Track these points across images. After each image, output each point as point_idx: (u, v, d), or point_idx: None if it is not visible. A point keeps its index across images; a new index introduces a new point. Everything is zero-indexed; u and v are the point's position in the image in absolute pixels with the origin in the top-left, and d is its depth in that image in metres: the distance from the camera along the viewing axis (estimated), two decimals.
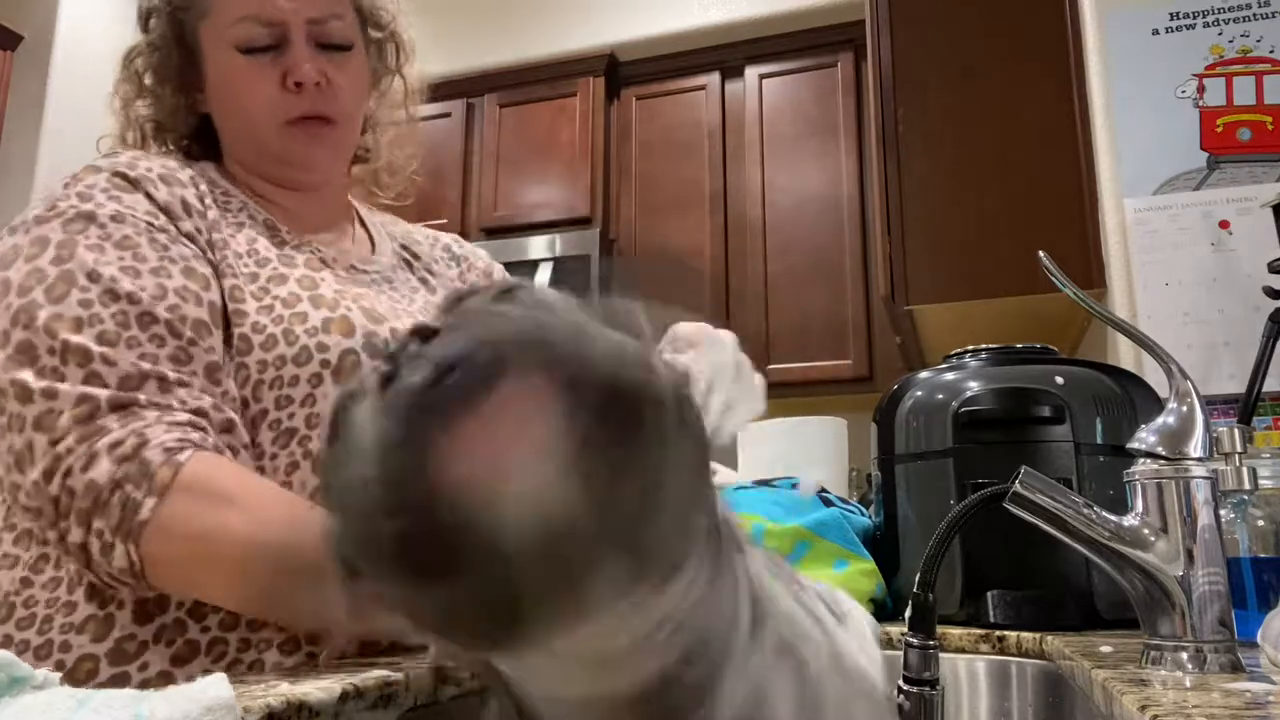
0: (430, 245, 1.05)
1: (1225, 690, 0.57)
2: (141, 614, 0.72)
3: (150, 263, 0.75)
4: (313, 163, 0.90)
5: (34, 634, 0.72)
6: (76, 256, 0.73)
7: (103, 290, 0.72)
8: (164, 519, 0.65)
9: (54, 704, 0.37)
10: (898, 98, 1.85)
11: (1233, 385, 1.44)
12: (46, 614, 0.73)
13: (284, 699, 0.47)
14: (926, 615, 0.68)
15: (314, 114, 0.87)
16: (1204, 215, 1.54)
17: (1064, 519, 0.70)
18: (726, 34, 3.22)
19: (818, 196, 3.04)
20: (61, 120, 3.09)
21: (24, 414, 0.68)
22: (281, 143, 0.87)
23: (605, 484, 0.27)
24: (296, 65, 0.85)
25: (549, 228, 3.22)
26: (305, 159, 0.89)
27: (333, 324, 0.79)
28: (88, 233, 0.75)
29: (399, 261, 0.98)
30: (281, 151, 0.88)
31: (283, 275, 0.82)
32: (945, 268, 1.77)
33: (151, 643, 0.72)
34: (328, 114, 0.88)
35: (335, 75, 0.87)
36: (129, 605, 0.72)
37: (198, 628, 0.73)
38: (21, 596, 0.74)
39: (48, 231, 0.74)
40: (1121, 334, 0.90)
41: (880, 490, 1.23)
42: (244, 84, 0.86)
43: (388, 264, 0.96)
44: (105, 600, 0.72)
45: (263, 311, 0.78)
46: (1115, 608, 1.02)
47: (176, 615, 0.73)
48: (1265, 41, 1.56)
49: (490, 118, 3.41)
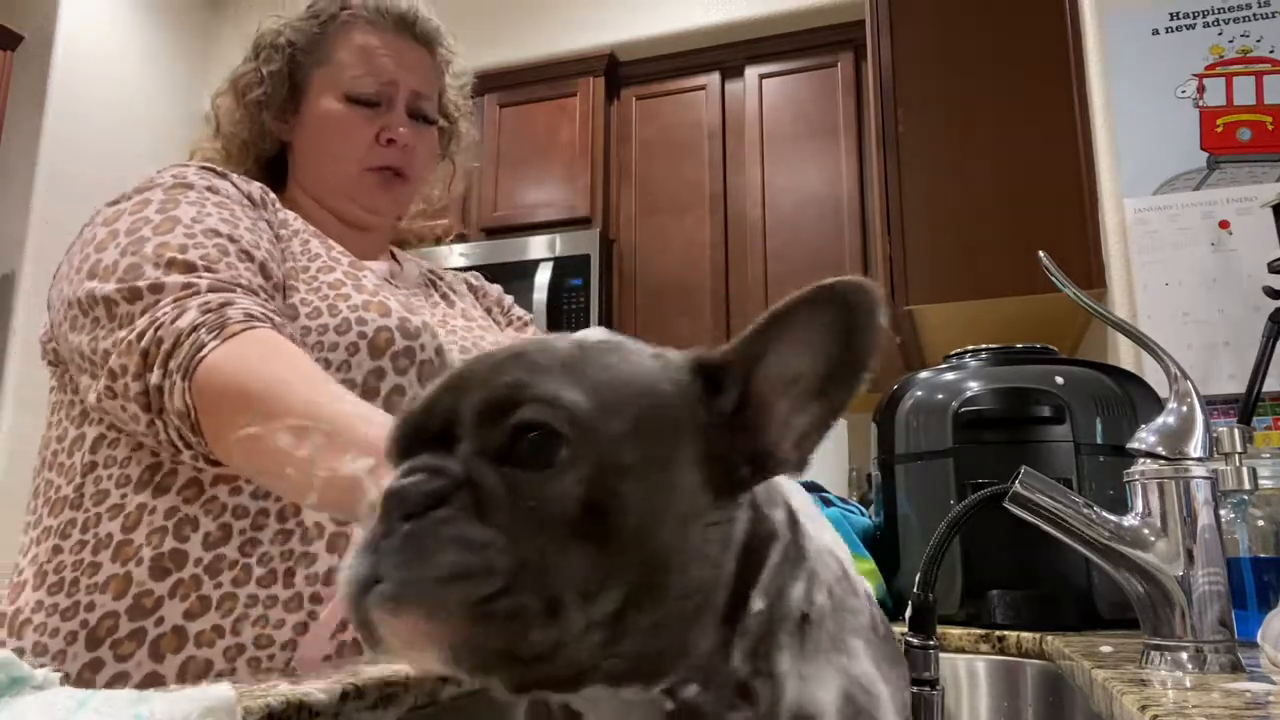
0: (452, 277, 1.15)
1: (1225, 690, 0.57)
2: (158, 570, 0.78)
3: (245, 223, 0.84)
4: (378, 207, 1.02)
5: (63, 597, 0.78)
6: (180, 208, 0.82)
7: (206, 229, 0.80)
8: (217, 359, 0.69)
9: (54, 704, 0.37)
10: (898, 98, 1.85)
11: (1233, 385, 1.44)
12: (74, 577, 0.79)
13: (284, 699, 0.47)
14: (926, 615, 0.68)
15: (394, 166, 1.00)
16: (1204, 215, 1.54)
17: (1064, 519, 0.70)
18: (726, 34, 3.22)
19: (818, 197, 3.04)
20: (61, 120, 3.09)
21: (131, 311, 0.74)
22: (358, 184, 0.99)
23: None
24: (394, 124, 0.99)
25: (549, 228, 3.22)
26: (373, 203, 1.01)
27: (372, 305, 0.87)
28: (188, 194, 0.84)
29: (424, 282, 1.08)
30: (355, 191, 1.00)
31: (330, 267, 0.90)
32: (945, 268, 1.77)
33: (167, 597, 0.77)
34: (405, 170, 1.01)
35: (417, 143, 1.01)
36: (146, 561, 0.78)
37: (211, 584, 0.78)
38: (53, 563, 0.81)
39: (149, 195, 0.84)
40: (1121, 334, 0.90)
41: (880, 490, 1.23)
42: (344, 126, 0.98)
43: (414, 281, 1.06)
44: (125, 559, 0.78)
45: (311, 291, 0.86)
46: (1115, 608, 1.02)
47: (193, 571, 0.78)
48: (1265, 41, 1.56)
49: (490, 118, 3.41)
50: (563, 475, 0.35)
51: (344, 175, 0.99)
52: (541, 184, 3.30)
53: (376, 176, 1.00)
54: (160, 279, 0.75)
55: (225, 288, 0.76)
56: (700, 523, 0.38)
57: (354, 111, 0.98)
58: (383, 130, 0.99)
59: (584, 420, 0.36)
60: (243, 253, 0.81)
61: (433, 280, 1.10)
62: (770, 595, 0.40)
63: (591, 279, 3.06)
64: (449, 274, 1.16)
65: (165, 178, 0.86)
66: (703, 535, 0.38)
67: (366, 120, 0.98)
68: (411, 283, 1.05)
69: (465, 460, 0.37)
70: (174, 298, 0.74)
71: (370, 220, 1.03)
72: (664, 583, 0.36)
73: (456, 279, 1.15)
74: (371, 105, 0.99)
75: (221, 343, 0.70)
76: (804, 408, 0.38)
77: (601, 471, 0.36)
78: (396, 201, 1.04)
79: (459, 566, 0.34)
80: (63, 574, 0.80)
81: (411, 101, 1.01)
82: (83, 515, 0.81)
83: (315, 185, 1.01)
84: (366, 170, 0.99)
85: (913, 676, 0.68)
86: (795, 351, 0.37)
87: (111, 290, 0.76)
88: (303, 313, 0.84)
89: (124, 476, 0.82)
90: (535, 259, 3.13)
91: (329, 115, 0.99)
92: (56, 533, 0.82)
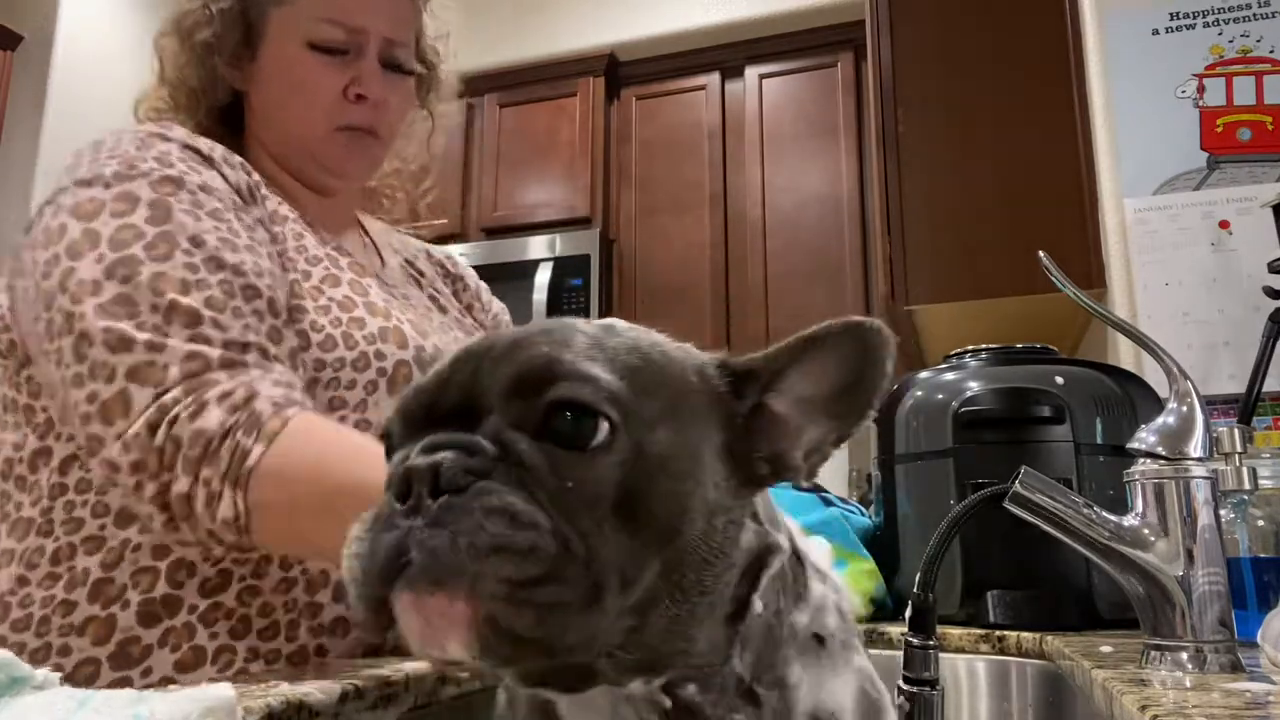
0: (426, 261, 1.05)
1: (1225, 690, 0.57)
2: (147, 616, 0.70)
3: (242, 238, 0.74)
4: (347, 171, 0.91)
5: (31, 636, 0.70)
6: (174, 218, 0.71)
7: (207, 257, 0.70)
8: (274, 465, 0.63)
9: (54, 704, 0.37)
10: (898, 98, 1.85)
11: (1233, 385, 1.44)
12: (44, 614, 0.70)
13: (284, 699, 0.47)
14: (926, 615, 0.68)
15: (365, 126, 0.88)
16: (1204, 215, 1.54)
17: (1064, 519, 0.70)
18: (726, 34, 3.22)
19: (818, 196, 3.04)
20: (61, 120, 3.09)
21: (114, 364, 0.65)
22: (326, 145, 0.88)
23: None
24: (366, 78, 0.86)
25: (549, 228, 3.22)
26: (341, 166, 0.90)
27: (389, 334, 0.80)
28: (179, 197, 0.73)
29: (407, 277, 0.99)
30: (322, 153, 0.88)
31: (335, 277, 0.82)
32: (945, 268, 1.77)
33: (156, 647, 0.70)
34: (377, 129, 0.89)
35: (390, 95, 0.89)
36: (134, 605, 0.70)
37: (206, 634, 0.71)
38: (17, 596, 0.71)
39: (135, 189, 0.72)
40: (1121, 334, 0.90)
41: (880, 490, 1.23)
42: (308, 81, 0.86)
43: (399, 278, 0.96)
44: (108, 600, 0.70)
45: (320, 311, 0.78)
46: (1115, 608, 1.02)
47: (186, 619, 0.71)
48: (1265, 41, 1.56)
49: (490, 118, 3.41)
50: (602, 456, 0.35)
51: (308, 135, 0.87)
52: (541, 184, 3.30)
53: (345, 136, 0.88)
54: (159, 338, 0.66)
55: (237, 362, 0.67)
56: (724, 517, 0.38)
57: (318, 61, 0.85)
58: (352, 83, 0.86)
59: (622, 402, 0.35)
60: (248, 289, 0.71)
61: (415, 276, 1.01)
62: (770, 605, 0.41)
63: (591, 279, 3.06)
64: (424, 258, 1.05)
65: (148, 163, 0.74)
66: (724, 531, 0.38)
67: (333, 71, 0.86)
68: (397, 279, 0.96)
69: (496, 434, 0.35)
70: (181, 371, 0.65)
71: (337, 185, 0.92)
72: (687, 575, 0.36)
73: (433, 266, 1.06)
74: (339, 54, 0.86)
75: (266, 444, 0.64)
76: (815, 423, 0.40)
77: (640, 455, 0.35)
78: (368, 164, 0.93)
79: (506, 540, 0.32)
80: (30, 609, 0.71)
81: (384, 49, 0.88)
82: (53, 544, 0.72)
83: (275, 144, 0.89)
84: (334, 130, 0.87)
85: (913, 676, 0.68)
86: (816, 374, 0.39)
87: (92, 325, 0.66)
88: (314, 340, 0.76)
89: (101, 505, 0.73)
90: (535, 259, 3.13)
91: (290, 65, 0.86)
92: (20, 560, 0.73)
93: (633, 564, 0.34)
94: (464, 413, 0.36)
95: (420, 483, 0.34)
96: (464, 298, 1.06)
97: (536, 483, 0.34)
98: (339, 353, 0.77)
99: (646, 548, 0.35)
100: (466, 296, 1.07)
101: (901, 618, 0.82)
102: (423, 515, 0.33)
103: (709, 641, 0.39)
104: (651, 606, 0.35)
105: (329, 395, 0.77)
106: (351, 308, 0.80)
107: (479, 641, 0.33)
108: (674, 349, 0.40)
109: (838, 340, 0.38)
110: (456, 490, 0.33)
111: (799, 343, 0.39)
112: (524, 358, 0.36)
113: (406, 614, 0.33)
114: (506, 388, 0.36)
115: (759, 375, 0.40)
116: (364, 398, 0.77)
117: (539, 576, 0.32)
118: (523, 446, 0.35)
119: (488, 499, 0.33)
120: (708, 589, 0.37)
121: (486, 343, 0.38)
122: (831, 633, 0.44)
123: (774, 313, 2.95)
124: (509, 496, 0.33)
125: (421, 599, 0.32)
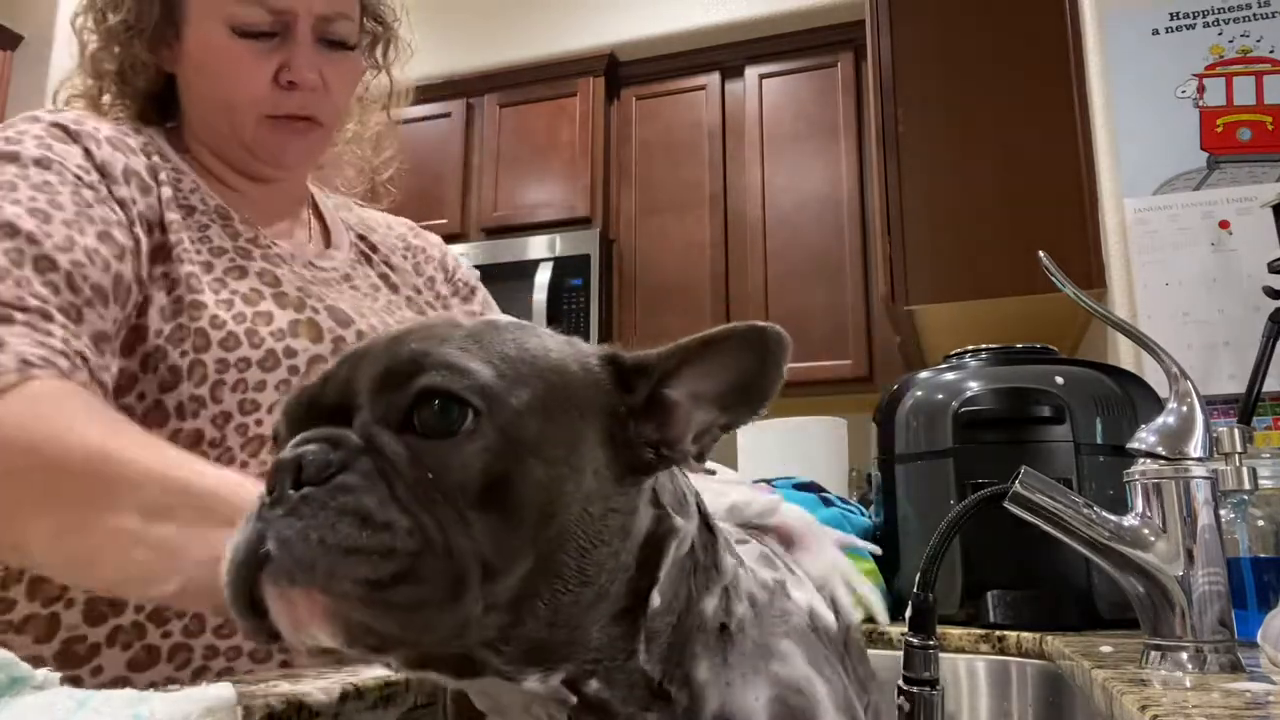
0: (385, 232, 0.98)
1: (1225, 690, 0.57)
2: (92, 614, 0.67)
3: (65, 213, 0.68)
4: (283, 161, 0.83)
5: None
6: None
7: (2, 222, 0.65)
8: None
9: (54, 704, 0.37)
10: (898, 98, 1.85)
11: (1233, 385, 1.44)
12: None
13: (284, 699, 0.47)
14: (926, 615, 0.68)
15: (302, 114, 0.81)
16: (1204, 215, 1.54)
17: (1064, 519, 0.70)
18: (726, 34, 3.22)
19: (818, 196, 3.04)
20: None
21: None
22: (257, 136, 0.80)
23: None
24: (297, 64, 0.78)
25: (549, 228, 3.22)
26: (277, 156, 0.82)
27: (300, 327, 0.74)
28: (4, 170, 0.68)
29: (357, 255, 0.92)
30: (254, 144, 0.81)
31: (241, 268, 0.76)
32: (945, 268, 1.77)
33: (105, 645, 0.67)
34: (316, 116, 0.82)
35: (331, 75, 0.81)
36: (79, 604, 0.67)
37: (158, 632, 0.68)
38: None
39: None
40: (1121, 334, 0.90)
41: (880, 490, 1.23)
42: (232, 68, 0.78)
43: (345, 259, 0.89)
44: (49, 599, 0.67)
45: (222, 305, 0.72)
46: (1115, 608, 1.02)
47: (134, 618, 0.67)
48: (1265, 41, 1.56)
49: (490, 118, 3.41)
50: (467, 444, 0.35)
51: (238, 125, 0.80)
52: (541, 184, 3.30)
53: (280, 125, 0.80)
54: None
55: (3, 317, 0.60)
56: (603, 505, 0.38)
57: (243, 47, 0.77)
58: (282, 69, 0.78)
59: (489, 389, 0.36)
60: (42, 259, 0.64)
61: (366, 252, 0.93)
62: (668, 596, 0.40)
63: (591, 279, 3.06)
64: (383, 229, 0.98)
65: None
66: (604, 519, 0.38)
67: (260, 57, 0.77)
68: (341, 260, 0.89)
69: (363, 428, 0.36)
70: None
71: (277, 175, 0.85)
72: (565, 563, 0.37)
73: (392, 237, 0.98)
74: (265, 36, 0.78)
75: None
76: (707, 413, 0.41)
77: (506, 442, 0.35)
78: (307, 153, 0.85)
79: (357, 542, 0.33)
80: None
81: (319, 26, 0.79)
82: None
83: (205, 133, 0.83)
84: (266, 118, 0.80)
85: (913, 676, 0.68)
86: (714, 372, 0.40)
87: None
88: (215, 339, 0.71)
89: None
90: (535, 259, 3.13)
91: (213, 51, 0.78)
92: None
93: (502, 553, 0.35)
94: (340, 410, 0.37)
95: (283, 474, 0.34)
96: (425, 271, 0.99)
97: (397, 474, 0.34)
98: (242, 351, 0.71)
99: (519, 536, 0.35)
100: (428, 269, 0.99)
101: (901, 618, 0.82)
102: (282, 506, 0.34)
103: (604, 634, 0.39)
104: (530, 596, 0.36)
105: (239, 398, 0.72)
106: (257, 300, 0.74)
107: (344, 632, 0.34)
108: (556, 341, 0.41)
109: (739, 343, 0.39)
110: (319, 484, 0.34)
111: (698, 342, 0.40)
112: (393, 352, 0.37)
113: (275, 604, 0.34)
114: (375, 382, 0.36)
115: (651, 369, 0.40)
116: (278, 399, 0.71)
117: (394, 575, 0.33)
118: (385, 439, 0.35)
119: (344, 498, 0.34)
120: (590, 578, 0.37)
121: (370, 342, 0.39)
122: (740, 623, 0.43)
123: (774, 313, 2.95)
124: (365, 497, 0.34)
125: (284, 590, 0.33)
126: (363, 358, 0.38)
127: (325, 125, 0.83)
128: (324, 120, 0.83)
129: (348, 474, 0.34)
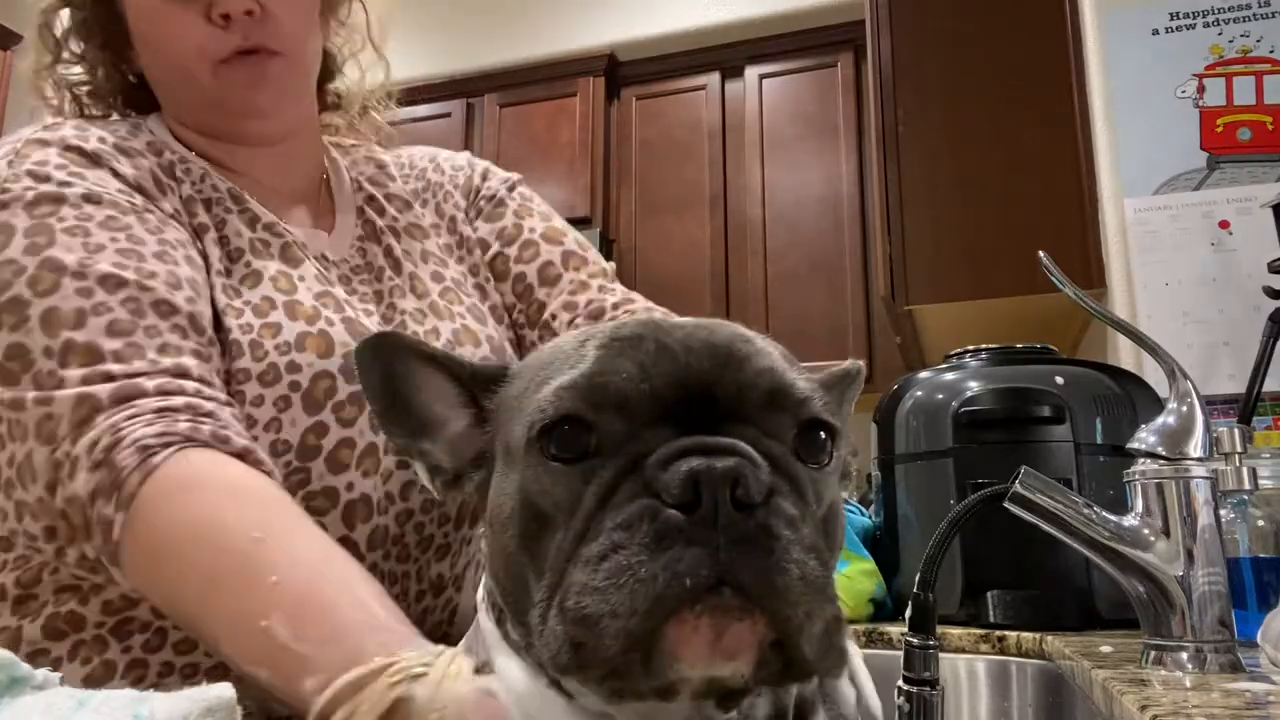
0: (402, 182, 0.90)
1: (1225, 690, 0.57)
2: (52, 630, 0.65)
3: (150, 245, 0.65)
4: (254, 105, 0.76)
5: None
6: (57, 242, 0.62)
7: (102, 276, 0.61)
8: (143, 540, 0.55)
9: (54, 704, 0.37)
10: (898, 98, 1.85)
11: (1233, 385, 1.44)
12: None
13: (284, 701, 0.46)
14: (926, 615, 0.68)
15: (249, 47, 0.73)
16: (1204, 215, 1.54)
17: (1064, 519, 0.70)
18: (726, 34, 3.22)
19: (818, 196, 3.04)
20: None
21: (24, 421, 0.59)
22: (217, 86, 0.74)
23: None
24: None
25: None
26: (245, 102, 0.75)
27: (308, 341, 0.69)
28: (60, 215, 0.64)
29: (363, 231, 0.84)
30: (219, 97, 0.74)
31: (257, 273, 0.71)
32: (945, 268, 1.77)
33: (66, 659, 0.64)
34: (267, 44, 0.74)
35: (269, 1, 0.73)
36: (40, 619, 0.65)
37: (119, 647, 0.65)
38: None
39: (8, 218, 0.64)
40: (1121, 334, 0.90)
41: (880, 490, 1.23)
42: (166, 26, 0.73)
43: (348, 245, 0.82)
44: (25, 614, 0.65)
45: (230, 312, 0.69)
46: (1115, 608, 1.02)
47: (96, 633, 0.65)
48: (1265, 41, 1.56)
49: (490, 118, 3.41)
50: (832, 475, 0.37)
51: (197, 83, 0.74)
52: (541, 184, 3.29)
53: (236, 67, 0.73)
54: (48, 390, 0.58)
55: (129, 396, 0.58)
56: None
57: (169, 2, 0.72)
58: (212, 6, 0.71)
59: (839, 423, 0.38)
60: (160, 304, 0.62)
61: (373, 220, 0.84)
62: None
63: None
64: (399, 179, 0.90)
65: (21, 182, 0.65)
66: None
67: (187, 3, 0.72)
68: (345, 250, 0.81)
69: (758, 443, 0.34)
70: (71, 421, 0.57)
71: (258, 128, 0.78)
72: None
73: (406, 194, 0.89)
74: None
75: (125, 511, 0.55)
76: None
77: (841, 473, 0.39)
78: (277, 89, 0.76)
79: (824, 581, 0.33)
80: None
81: None
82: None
83: (179, 110, 0.78)
84: (219, 65, 0.73)
85: (913, 676, 0.68)
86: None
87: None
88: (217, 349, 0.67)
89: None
90: None
91: (146, 19, 0.74)
92: None
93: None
94: (704, 415, 0.35)
95: (720, 488, 0.32)
96: (445, 209, 0.91)
97: (809, 501, 0.35)
98: (243, 363, 0.67)
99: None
100: (448, 205, 0.91)
101: (901, 618, 0.82)
102: (726, 531, 0.32)
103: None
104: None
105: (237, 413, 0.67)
106: (267, 311, 0.70)
107: (756, 663, 0.33)
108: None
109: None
110: (751, 506, 0.32)
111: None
112: (769, 366, 0.36)
113: (698, 631, 0.32)
114: (765, 398, 0.35)
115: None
116: (275, 415, 0.67)
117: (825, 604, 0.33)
118: (793, 464, 0.35)
119: (802, 532, 0.33)
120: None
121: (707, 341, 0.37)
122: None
123: (774, 312, 2.95)
124: (805, 527, 0.33)
125: (717, 621, 0.32)
126: (728, 364, 0.36)
127: (283, 52, 0.75)
128: (277, 46, 0.75)
129: (782, 499, 0.33)
